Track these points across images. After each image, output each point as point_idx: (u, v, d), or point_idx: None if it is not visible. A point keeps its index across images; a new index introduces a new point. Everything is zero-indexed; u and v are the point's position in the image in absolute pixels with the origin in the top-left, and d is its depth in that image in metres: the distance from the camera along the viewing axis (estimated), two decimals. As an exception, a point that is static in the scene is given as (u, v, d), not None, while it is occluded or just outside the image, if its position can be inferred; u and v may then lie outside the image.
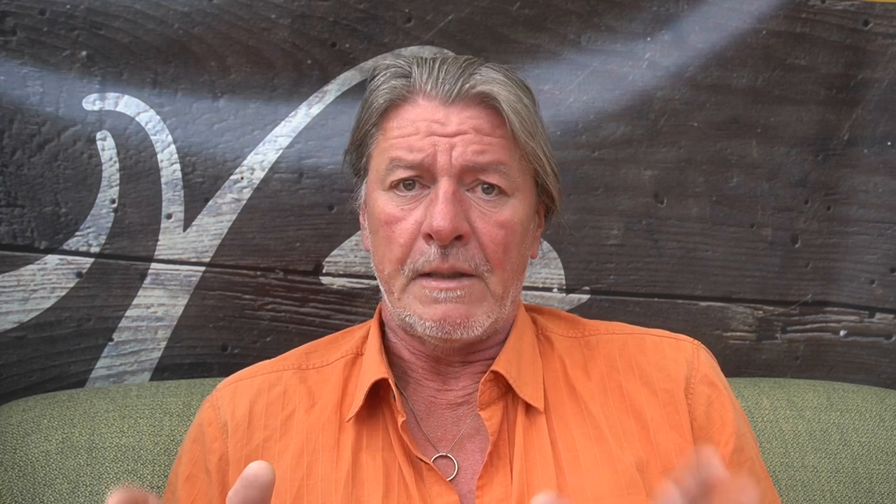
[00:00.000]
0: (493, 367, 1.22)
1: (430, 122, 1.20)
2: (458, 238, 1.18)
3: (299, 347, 1.34)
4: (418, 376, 1.27)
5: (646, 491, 1.17)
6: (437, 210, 1.17)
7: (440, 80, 1.21)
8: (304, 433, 1.23)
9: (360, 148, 1.28)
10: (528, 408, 1.22)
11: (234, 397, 1.27)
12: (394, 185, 1.21)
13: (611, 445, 1.20)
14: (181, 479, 1.26)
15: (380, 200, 1.22)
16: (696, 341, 1.30)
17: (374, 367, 1.24)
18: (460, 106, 1.20)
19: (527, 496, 1.16)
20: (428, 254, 1.18)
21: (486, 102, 1.21)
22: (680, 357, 1.27)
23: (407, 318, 1.21)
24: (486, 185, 1.20)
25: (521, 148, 1.21)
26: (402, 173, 1.20)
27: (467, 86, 1.20)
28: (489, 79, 1.21)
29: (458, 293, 1.19)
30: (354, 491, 1.18)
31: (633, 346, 1.28)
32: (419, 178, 1.20)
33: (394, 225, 1.21)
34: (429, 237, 1.18)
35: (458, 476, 1.21)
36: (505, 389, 1.23)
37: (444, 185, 1.18)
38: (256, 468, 0.81)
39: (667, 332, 1.31)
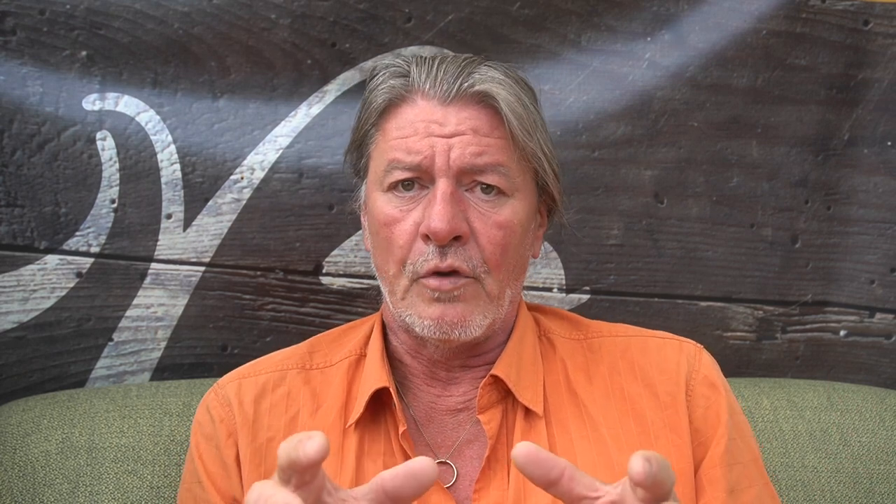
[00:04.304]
0: (493, 371, 1.21)
1: (429, 123, 1.19)
2: (457, 239, 1.17)
3: (301, 344, 1.34)
4: (419, 381, 1.26)
5: None
6: (435, 211, 1.16)
7: (438, 80, 1.20)
8: None
9: (360, 148, 1.27)
10: (528, 411, 1.21)
11: (239, 393, 1.27)
12: (392, 187, 1.20)
13: (609, 448, 1.19)
14: (205, 476, 1.23)
15: (379, 202, 1.22)
16: (698, 345, 1.30)
17: (375, 374, 1.24)
18: (458, 106, 1.19)
19: (523, 501, 1.16)
20: (426, 254, 1.18)
21: (485, 102, 1.20)
22: (682, 359, 1.26)
23: (407, 318, 1.20)
24: (484, 186, 1.19)
25: (520, 148, 1.20)
26: (400, 175, 1.20)
27: (465, 85, 1.19)
28: (488, 78, 1.20)
29: (455, 293, 1.18)
30: None
31: (636, 349, 1.28)
32: (418, 179, 1.20)
33: (393, 226, 1.20)
34: (427, 238, 1.18)
35: (457, 482, 1.20)
36: (504, 393, 1.22)
37: (441, 186, 1.17)
38: (425, 464, 0.82)
39: (670, 335, 1.31)
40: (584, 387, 1.24)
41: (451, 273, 1.18)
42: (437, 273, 1.18)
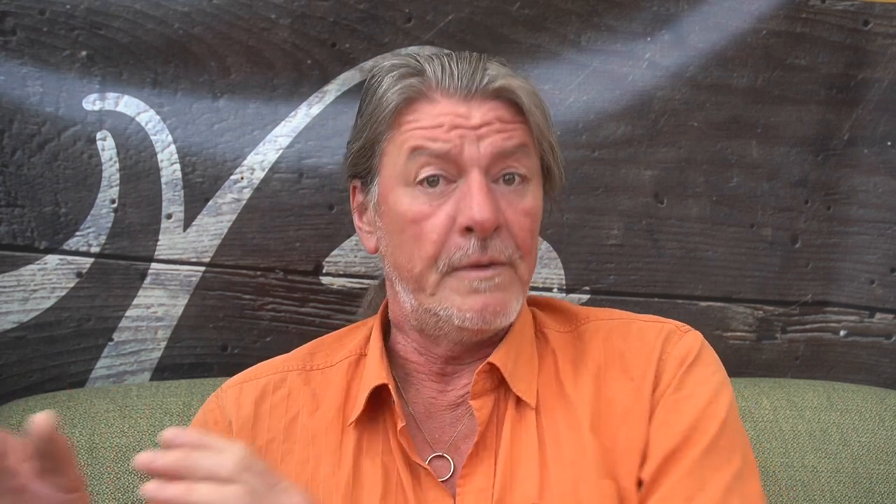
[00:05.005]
0: (490, 359, 1.21)
1: (454, 117, 1.19)
2: (495, 229, 1.18)
3: (304, 346, 1.34)
4: (422, 377, 1.26)
5: (609, 476, 1.16)
6: (476, 202, 1.16)
7: (456, 76, 1.21)
8: (309, 437, 1.23)
9: (372, 147, 1.24)
10: (519, 401, 1.22)
11: (239, 397, 1.27)
12: (418, 182, 1.19)
13: (584, 437, 1.18)
14: None
15: (404, 198, 1.20)
16: (684, 326, 1.27)
17: (374, 372, 1.24)
18: (479, 99, 1.21)
19: (510, 489, 1.16)
20: (466, 247, 1.17)
21: (504, 96, 1.21)
22: (658, 343, 1.24)
23: (442, 312, 1.19)
24: (507, 176, 1.20)
25: (536, 138, 1.22)
26: (428, 166, 1.19)
27: (486, 80, 1.21)
28: (503, 73, 1.22)
29: (496, 280, 1.18)
30: (354, 494, 1.19)
31: (618, 335, 1.26)
32: (444, 173, 1.19)
33: (423, 222, 1.19)
34: (466, 231, 1.17)
35: (455, 476, 1.21)
36: (498, 382, 1.23)
37: (476, 177, 1.18)
38: (38, 418, 0.94)
39: (656, 318, 1.29)
40: (570, 378, 1.24)
41: (490, 263, 1.19)
42: (477, 265, 1.18)
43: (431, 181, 1.19)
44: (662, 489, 1.15)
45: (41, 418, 0.96)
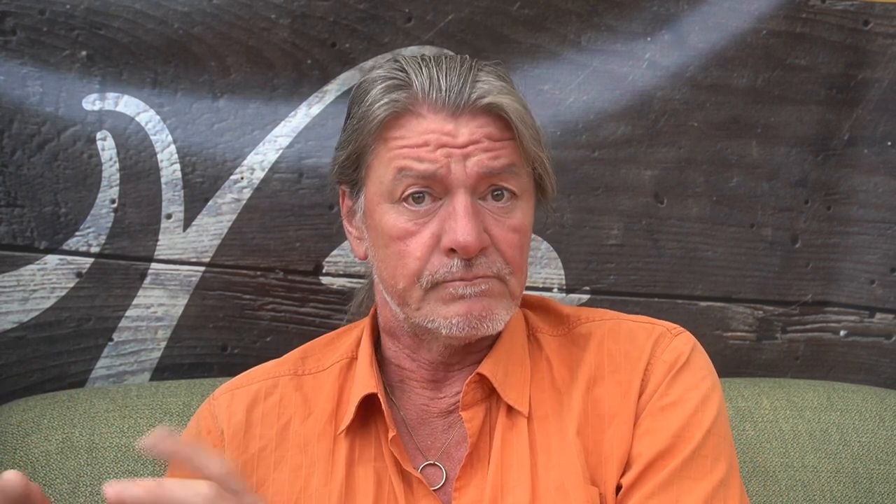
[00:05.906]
0: (479, 370, 1.21)
1: (440, 135, 1.17)
2: (481, 250, 1.17)
3: (296, 350, 1.33)
4: (414, 384, 1.26)
5: (593, 481, 1.17)
6: (460, 226, 1.15)
7: (444, 90, 1.18)
8: (301, 445, 1.23)
9: (357, 159, 1.23)
10: (510, 409, 1.21)
11: (231, 405, 1.26)
12: (403, 199, 1.18)
13: (570, 444, 1.18)
14: None
15: (389, 215, 1.19)
16: (676, 328, 1.26)
17: (363, 380, 1.23)
18: (468, 116, 1.18)
19: (500, 498, 1.16)
20: (450, 266, 1.17)
21: (493, 112, 1.19)
22: (647, 345, 1.23)
23: (429, 325, 1.19)
24: (496, 192, 1.19)
25: (526, 152, 1.20)
26: (412, 185, 1.17)
27: (474, 96, 1.18)
28: (493, 88, 1.19)
29: (482, 287, 1.18)
30: (347, 503, 1.19)
31: (610, 336, 1.26)
32: (429, 190, 1.18)
33: (407, 240, 1.18)
34: (451, 252, 1.17)
35: (447, 484, 1.21)
36: (489, 391, 1.22)
37: (461, 199, 1.16)
38: (9, 476, 0.90)
39: (647, 319, 1.28)
40: (567, 384, 1.23)
41: (474, 279, 1.18)
42: (461, 280, 1.18)
43: (417, 197, 1.18)
44: (637, 497, 1.14)
45: (11, 477, 0.92)
